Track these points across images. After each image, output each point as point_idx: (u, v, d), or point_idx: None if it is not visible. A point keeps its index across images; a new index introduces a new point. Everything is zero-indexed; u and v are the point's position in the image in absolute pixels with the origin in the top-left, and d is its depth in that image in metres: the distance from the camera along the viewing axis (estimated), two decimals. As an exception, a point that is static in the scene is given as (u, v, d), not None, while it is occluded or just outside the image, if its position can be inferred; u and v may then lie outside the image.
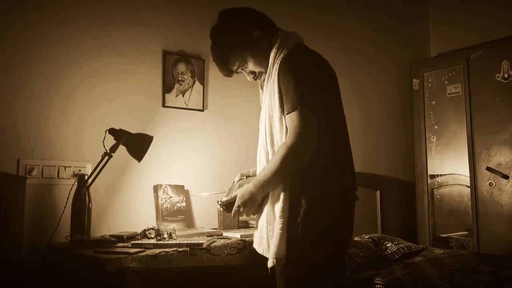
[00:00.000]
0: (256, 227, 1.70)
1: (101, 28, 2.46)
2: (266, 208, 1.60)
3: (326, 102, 1.57)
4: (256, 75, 1.76)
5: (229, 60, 1.73)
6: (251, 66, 1.73)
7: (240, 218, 2.52)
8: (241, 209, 1.63)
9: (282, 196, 1.53)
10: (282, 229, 1.51)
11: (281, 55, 1.60)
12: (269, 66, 1.65)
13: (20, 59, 2.23)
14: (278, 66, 1.59)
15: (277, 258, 1.51)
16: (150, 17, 2.64)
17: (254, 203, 1.62)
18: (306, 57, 1.63)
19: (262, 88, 1.79)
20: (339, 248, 1.59)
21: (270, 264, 1.54)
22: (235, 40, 1.69)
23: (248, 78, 1.79)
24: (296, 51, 1.62)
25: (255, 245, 1.71)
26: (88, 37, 2.41)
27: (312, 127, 1.49)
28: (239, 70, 1.76)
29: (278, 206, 1.53)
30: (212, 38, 1.76)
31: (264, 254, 1.62)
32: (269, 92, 1.62)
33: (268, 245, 1.58)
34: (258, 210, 1.66)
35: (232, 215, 1.67)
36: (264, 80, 1.73)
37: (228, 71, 1.77)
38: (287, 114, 1.52)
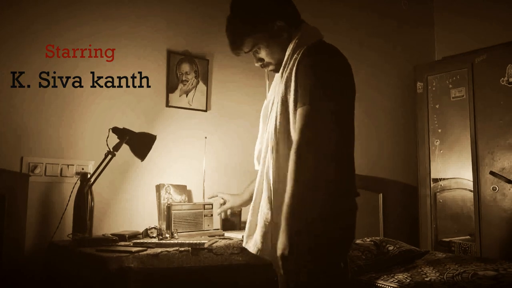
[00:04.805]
0: (250, 223, 1.67)
1: (105, 27, 2.46)
2: (264, 205, 1.57)
3: (341, 103, 1.53)
4: (264, 64, 1.68)
5: (242, 42, 1.62)
6: (262, 54, 1.65)
7: None
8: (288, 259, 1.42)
9: (287, 197, 1.50)
10: (288, 224, 1.43)
11: (302, 48, 1.54)
12: (286, 56, 1.58)
13: (25, 55, 2.23)
14: (298, 58, 1.52)
15: (283, 252, 1.42)
16: (155, 16, 2.64)
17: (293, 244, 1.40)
18: (329, 51, 1.57)
19: (268, 78, 1.74)
20: (343, 249, 1.58)
21: (275, 254, 1.46)
22: (254, 25, 1.59)
23: (256, 64, 1.70)
24: (318, 46, 1.56)
25: (244, 236, 1.67)
26: (93, 37, 2.41)
27: (326, 123, 1.44)
28: (250, 53, 1.67)
29: (284, 205, 1.46)
30: (232, 9, 1.63)
31: (245, 245, 1.63)
32: (284, 83, 1.55)
33: (262, 242, 1.56)
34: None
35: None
36: (271, 70, 1.68)
37: (238, 51, 1.67)
38: (300, 107, 1.46)
